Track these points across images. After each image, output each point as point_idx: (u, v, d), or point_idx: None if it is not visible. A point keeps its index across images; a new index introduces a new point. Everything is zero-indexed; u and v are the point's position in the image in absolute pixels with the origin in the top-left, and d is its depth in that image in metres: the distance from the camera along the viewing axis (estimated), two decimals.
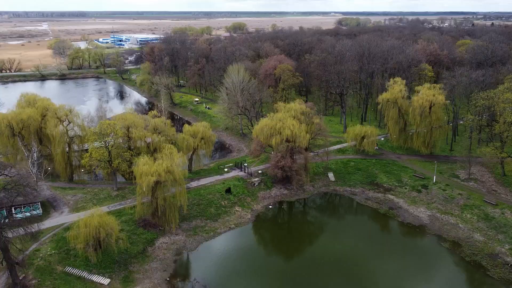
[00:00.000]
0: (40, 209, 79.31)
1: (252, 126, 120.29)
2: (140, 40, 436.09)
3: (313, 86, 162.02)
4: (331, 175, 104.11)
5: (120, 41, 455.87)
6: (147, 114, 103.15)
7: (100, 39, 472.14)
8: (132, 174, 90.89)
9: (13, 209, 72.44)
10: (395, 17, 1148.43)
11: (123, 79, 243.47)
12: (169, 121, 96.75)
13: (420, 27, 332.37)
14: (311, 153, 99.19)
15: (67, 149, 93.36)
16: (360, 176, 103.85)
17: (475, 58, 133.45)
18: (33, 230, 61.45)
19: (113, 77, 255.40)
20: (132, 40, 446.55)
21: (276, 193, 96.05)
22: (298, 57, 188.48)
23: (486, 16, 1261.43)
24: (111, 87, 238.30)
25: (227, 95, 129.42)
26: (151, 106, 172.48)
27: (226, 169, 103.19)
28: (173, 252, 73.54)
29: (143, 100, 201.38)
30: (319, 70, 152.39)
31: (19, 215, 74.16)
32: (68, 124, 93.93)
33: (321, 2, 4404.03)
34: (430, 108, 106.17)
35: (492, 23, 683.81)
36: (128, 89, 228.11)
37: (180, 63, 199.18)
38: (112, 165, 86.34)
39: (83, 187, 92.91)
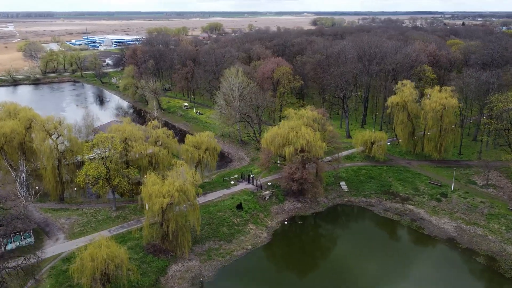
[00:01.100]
0: (32, 237, 69.67)
1: (255, 134, 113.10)
2: (115, 42, 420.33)
3: (309, 89, 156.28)
4: (343, 185, 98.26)
5: (94, 42, 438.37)
6: (141, 122, 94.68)
7: (73, 41, 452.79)
8: (131, 192, 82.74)
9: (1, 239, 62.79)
10: (367, 16, 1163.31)
11: (102, 83, 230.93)
12: (171, 132, 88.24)
13: (403, 27, 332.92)
14: (322, 162, 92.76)
15: (57, 165, 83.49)
16: (374, 185, 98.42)
17: (480, 59, 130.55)
18: (31, 261, 52.96)
19: (92, 81, 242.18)
20: (106, 41, 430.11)
21: (290, 207, 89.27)
22: (289, 58, 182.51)
23: (454, 15, 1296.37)
24: (90, 91, 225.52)
25: (224, 100, 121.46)
26: (138, 111, 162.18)
27: (232, 182, 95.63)
28: (189, 282, 65.53)
29: (127, 105, 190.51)
30: (316, 72, 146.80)
31: (10, 246, 64.54)
32: (58, 138, 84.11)
33: (294, 2, 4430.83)
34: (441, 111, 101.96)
35: (463, 23, 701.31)
36: (109, 94, 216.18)
37: (166, 66, 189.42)
38: (112, 183, 77.37)
39: (77, 207, 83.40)
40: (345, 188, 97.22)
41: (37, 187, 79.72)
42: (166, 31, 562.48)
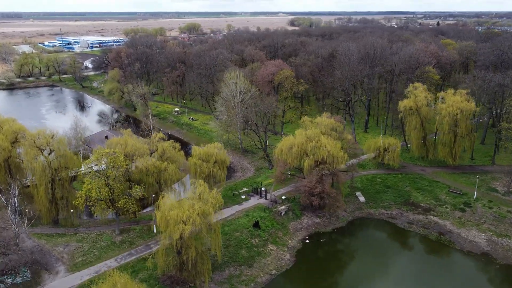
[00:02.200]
0: (28, 271, 60.42)
1: (261, 142, 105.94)
2: (91, 43, 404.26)
3: (308, 92, 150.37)
4: (360, 196, 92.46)
5: (69, 44, 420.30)
6: (134, 130, 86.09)
7: (46, 42, 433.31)
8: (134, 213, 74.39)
9: None
10: (342, 16, 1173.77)
11: (83, 87, 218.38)
12: (177, 144, 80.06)
13: (390, 28, 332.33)
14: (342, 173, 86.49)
15: (51, 184, 74.09)
16: (392, 195, 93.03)
17: (488, 60, 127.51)
18: None
19: (71, 85, 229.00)
20: (82, 43, 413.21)
21: (308, 223, 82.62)
22: (282, 60, 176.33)
23: (426, 15, 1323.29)
24: (70, 96, 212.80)
25: (225, 107, 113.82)
26: (128, 119, 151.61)
27: (243, 196, 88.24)
28: None
29: (113, 111, 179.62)
30: (314, 75, 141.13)
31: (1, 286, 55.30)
32: (50, 153, 74.68)
33: (268, 3, 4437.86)
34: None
35: (438, 23, 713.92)
36: (90, 99, 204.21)
37: (153, 69, 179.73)
38: (116, 205, 68.77)
39: (75, 231, 74.33)
40: (362, 200, 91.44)
41: (31, 213, 70.01)
42: (143, 32, 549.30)
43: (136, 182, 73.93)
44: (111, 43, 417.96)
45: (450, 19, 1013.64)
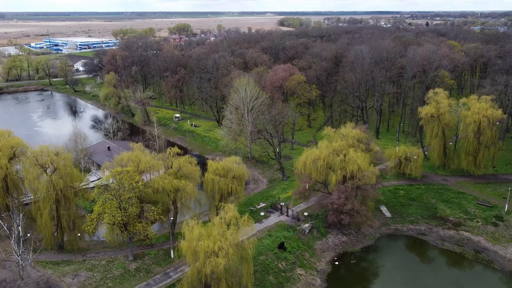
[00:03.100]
0: None
1: (275, 153, 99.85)
2: (80, 44, 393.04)
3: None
4: (384, 210, 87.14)
5: (56, 45, 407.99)
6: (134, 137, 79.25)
7: (32, 44, 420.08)
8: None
9: None
10: (331, 16, 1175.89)
11: (75, 91, 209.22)
12: (194, 159, 73.46)
13: (388, 28, 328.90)
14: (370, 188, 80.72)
15: (56, 206, 66.90)
16: (417, 208, 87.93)
17: (507, 64, 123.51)
18: None
19: (62, 90, 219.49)
20: (70, 44, 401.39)
21: (335, 242, 76.93)
22: (284, 63, 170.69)
23: (413, 15, 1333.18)
24: (62, 101, 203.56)
25: (235, 114, 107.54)
26: (129, 127, 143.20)
27: (262, 213, 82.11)
28: None
29: (109, 117, 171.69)
30: (321, 79, 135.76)
31: None
32: (54, 172, 67.48)
33: (255, 3, 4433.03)
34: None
35: (427, 23, 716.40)
36: (84, 104, 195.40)
37: (152, 73, 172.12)
38: (131, 230, 62.05)
39: (83, 258, 67.37)
40: (388, 214, 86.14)
41: (37, 242, 62.81)
42: (132, 33, 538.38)
43: (151, 203, 67.26)
44: (100, 44, 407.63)
45: (437, 18, 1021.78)
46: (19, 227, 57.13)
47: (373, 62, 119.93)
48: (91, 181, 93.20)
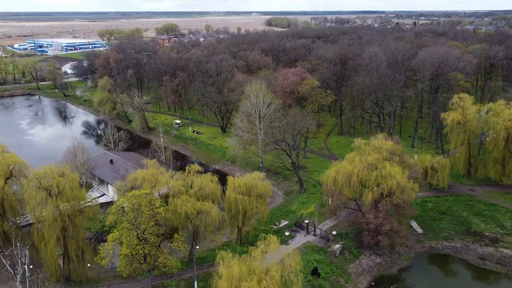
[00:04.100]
0: None
1: (293, 164, 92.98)
2: (65, 46, 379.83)
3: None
4: (415, 225, 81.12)
5: (41, 47, 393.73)
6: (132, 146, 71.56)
7: (16, 45, 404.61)
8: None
9: None
10: (317, 16, 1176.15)
11: (65, 96, 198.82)
12: (215, 177, 66.18)
13: (383, 28, 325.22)
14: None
15: (62, 234, 58.88)
16: (449, 222, 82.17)
17: None
18: None
19: (51, 94, 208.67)
20: (55, 45, 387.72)
21: (369, 264, 70.51)
22: (287, 65, 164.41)
23: (398, 15, 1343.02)
24: (52, 107, 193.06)
25: (247, 122, 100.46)
26: (124, 133, 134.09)
27: (286, 233, 75.23)
28: None
29: (104, 124, 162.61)
30: (328, 83, 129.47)
31: None
32: (59, 194, 59.42)
33: (240, 2, 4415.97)
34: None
35: (415, 23, 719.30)
36: (75, 109, 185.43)
37: (149, 77, 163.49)
38: (149, 261, 54.46)
39: None
40: (419, 230, 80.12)
41: (45, 282, 54.65)
42: (119, 33, 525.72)
43: (171, 230, 59.74)
44: (87, 45, 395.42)
45: (422, 18, 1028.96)
46: (25, 266, 49.07)
47: (388, 65, 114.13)
48: (93, 198, 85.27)
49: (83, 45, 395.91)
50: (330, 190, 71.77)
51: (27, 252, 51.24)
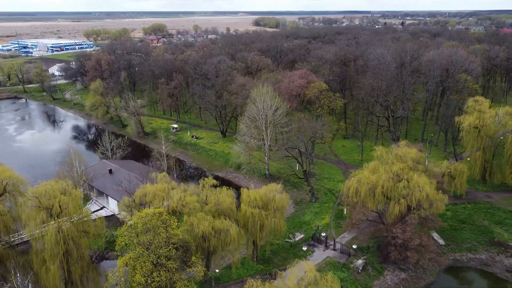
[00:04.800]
0: None
1: (304, 173, 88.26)
2: (51, 47, 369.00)
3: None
4: (436, 236, 76.96)
5: (25, 47, 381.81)
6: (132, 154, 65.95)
7: None
8: None
9: None
10: (305, 16, 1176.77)
11: (54, 99, 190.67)
12: (231, 191, 60.99)
13: (376, 28, 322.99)
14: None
15: (66, 258, 53.04)
16: (471, 232, 78.40)
17: None
18: None
19: (39, 97, 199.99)
20: (40, 46, 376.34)
21: (394, 280, 66.10)
22: (287, 66, 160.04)
23: (384, 15, 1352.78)
24: (40, 111, 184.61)
25: (254, 128, 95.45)
26: (129, 143, 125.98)
27: (304, 247, 70.51)
28: None
29: (95, 127, 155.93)
30: (338, 86, 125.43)
31: None
32: (61, 214, 53.62)
33: (227, 2, 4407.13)
34: None
35: (402, 22, 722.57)
36: (65, 113, 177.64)
37: (143, 80, 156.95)
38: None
39: None
40: (441, 241, 76.05)
41: None
42: (106, 34, 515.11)
43: (185, 251, 54.32)
44: (73, 46, 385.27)
45: (408, 18, 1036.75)
46: None
47: (396, 67, 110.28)
48: (93, 212, 79.40)
49: (70, 45, 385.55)
50: (352, 202, 67.26)
51: (29, 284, 45.30)
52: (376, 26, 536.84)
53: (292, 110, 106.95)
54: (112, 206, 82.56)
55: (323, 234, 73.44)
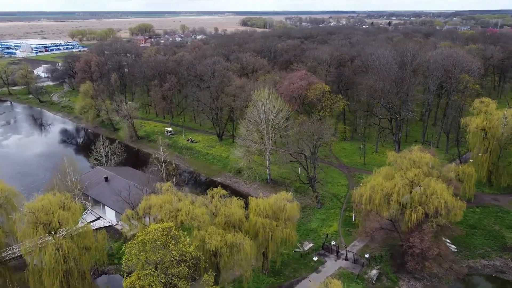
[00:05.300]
0: None
1: (310, 179, 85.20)
2: (35, 47, 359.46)
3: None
4: (448, 242, 74.35)
5: (8, 48, 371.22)
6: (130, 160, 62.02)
7: None
8: None
9: None
10: (292, 16, 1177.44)
11: (40, 101, 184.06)
12: (241, 201, 57.47)
13: (366, 29, 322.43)
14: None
15: (66, 278, 48.91)
16: (483, 237, 76.41)
17: None
18: None
19: (25, 100, 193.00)
20: (24, 47, 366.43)
21: None
22: (283, 67, 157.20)
23: (369, 15, 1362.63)
24: (26, 114, 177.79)
25: (256, 131, 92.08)
26: (124, 148, 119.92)
27: (315, 258, 67.44)
28: None
29: (84, 131, 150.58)
30: (336, 87, 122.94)
31: None
32: (59, 230, 49.50)
33: (212, 2, 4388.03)
34: None
35: (389, 22, 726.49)
36: (52, 116, 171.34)
37: (135, 82, 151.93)
38: None
39: None
40: (453, 247, 73.69)
41: None
42: (91, 34, 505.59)
43: (194, 267, 50.65)
44: (58, 47, 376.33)
45: (393, 18, 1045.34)
46: None
47: (399, 68, 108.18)
48: (89, 222, 74.99)
49: (55, 46, 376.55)
50: (365, 209, 64.42)
51: None
52: (363, 26, 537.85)
53: (292, 113, 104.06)
54: (109, 216, 78.29)
55: (333, 243, 70.63)
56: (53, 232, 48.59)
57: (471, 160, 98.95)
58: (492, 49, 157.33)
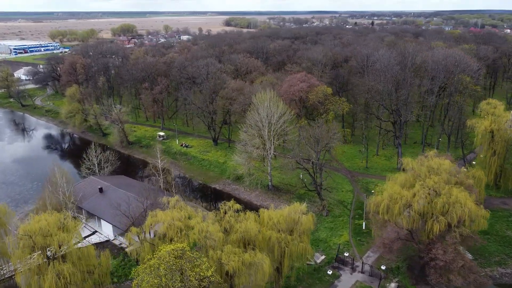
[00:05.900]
0: None
1: (316, 186, 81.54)
2: (14, 48, 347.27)
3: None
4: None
5: None
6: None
7: None
8: None
9: None
10: (275, 16, 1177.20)
11: (23, 106, 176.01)
12: (254, 214, 53.27)
13: (355, 29, 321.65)
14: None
15: None
16: (497, 244, 74.18)
17: None
18: None
19: (6, 104, 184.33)
20: (2, 48, 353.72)
21: None
22: (276, 68, 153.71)
23: (352, 15, 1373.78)
24: (7, 119, 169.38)
25: (257, 136, 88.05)
26: (118, 157, 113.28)
27: (329, 271, 63.76)
28: None
29: (70, 136, 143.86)
30: (335, 89, 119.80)
31: None
32: (60, 254, 44.51)
33: (194, 2, 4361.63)
34: None
35: (372, 22, 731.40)
36: (35, 121, 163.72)
37: (125, 84, 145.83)
38: None
39: None
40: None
41: None
42: (72, 35, 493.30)
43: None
44: (38, 48, 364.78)
45: (375, 18, 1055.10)
46: None
47: (400, 69, 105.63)
48: (84, 237, 69.75)
49: (34, 47, 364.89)
50: (382, 219, 61.02)
51: None
52: (347, 26, 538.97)
53: (293, 116, 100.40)
54: (105, 230, 73.09)
55: (346, 254, 67.14)
56: (51, 257, 43.57)
57: (473, 162, 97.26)
58: (485, 49, 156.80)
